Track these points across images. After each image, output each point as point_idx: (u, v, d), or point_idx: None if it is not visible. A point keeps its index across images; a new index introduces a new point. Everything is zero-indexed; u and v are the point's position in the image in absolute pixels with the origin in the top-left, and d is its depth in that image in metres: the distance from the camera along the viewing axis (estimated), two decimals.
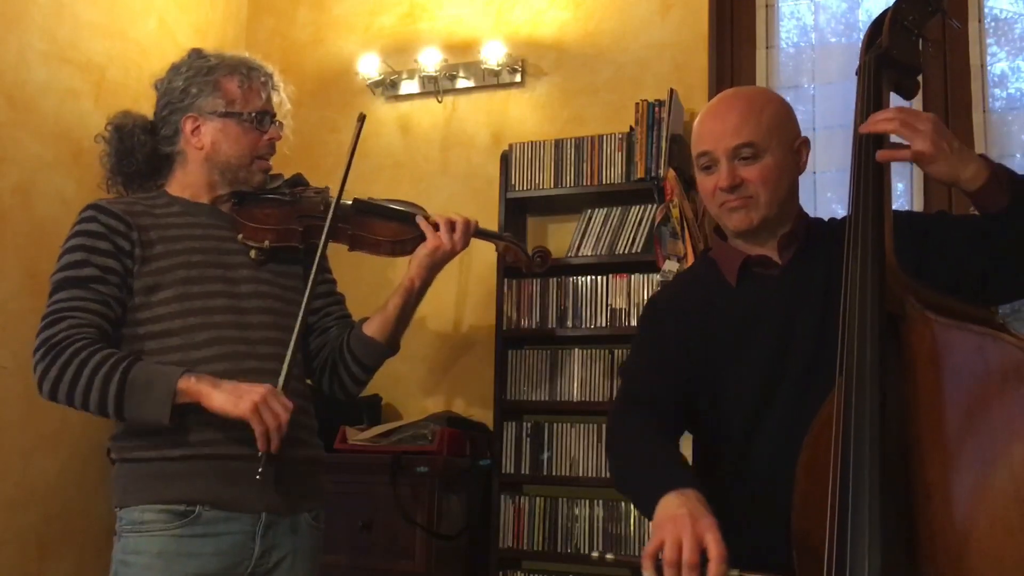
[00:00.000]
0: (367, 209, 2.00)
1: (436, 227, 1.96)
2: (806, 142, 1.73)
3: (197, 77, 1.91)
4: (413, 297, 1.98)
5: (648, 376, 1.70)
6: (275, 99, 1.98)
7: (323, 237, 1.88)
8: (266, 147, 1.95)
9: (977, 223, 1.58)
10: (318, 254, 1.87)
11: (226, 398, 1.65)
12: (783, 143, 1.67)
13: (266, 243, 1.89)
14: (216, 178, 1.93)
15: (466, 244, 1.99)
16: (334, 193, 1.97)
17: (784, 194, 1.67)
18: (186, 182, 1.94)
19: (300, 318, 1.81)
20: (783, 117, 1.70)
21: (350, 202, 1.99)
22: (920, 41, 1.76)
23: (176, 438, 1.73)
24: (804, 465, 1.46)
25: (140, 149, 1.93)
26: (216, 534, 1.74)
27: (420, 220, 1.98)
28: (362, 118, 1.95)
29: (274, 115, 1.97)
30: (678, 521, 1.31)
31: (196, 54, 1.97)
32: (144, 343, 1.78)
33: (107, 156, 1.95)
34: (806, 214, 1.76)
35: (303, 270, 1.95)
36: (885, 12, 1.79)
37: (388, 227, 1.99)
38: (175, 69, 1.96)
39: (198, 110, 1.90)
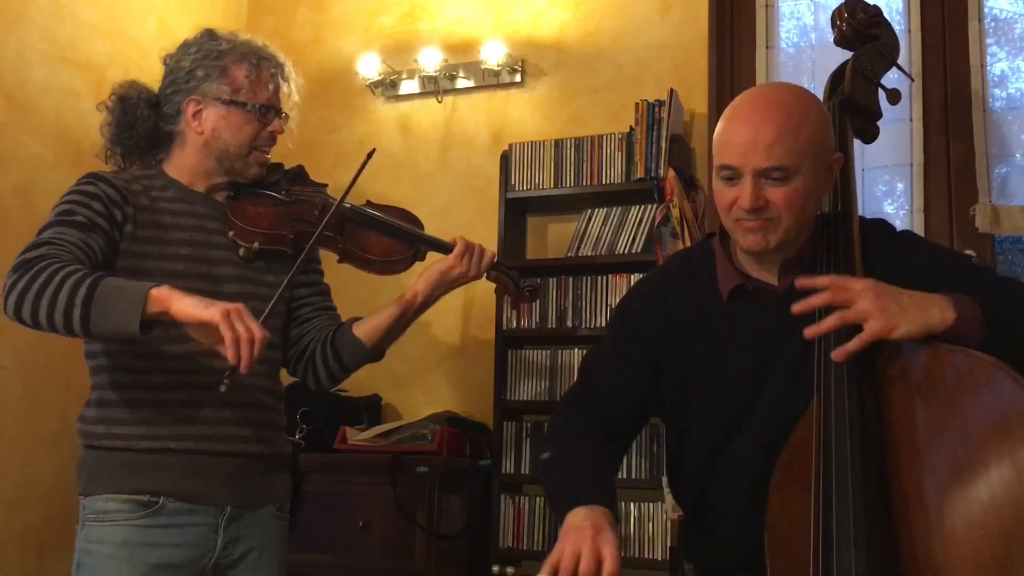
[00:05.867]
0: (362, 220, 1.96)
1: (455, 247, 1.93)
2: (839, 160, 1.58)
3: (206, 60, 1.87)
4: (412, 311, 1.96)
5: (609, 379, 1.66)
6: (284, 90, 1.94)
7: (310, 242, 1.84)
8: (266, 139, 1.92)
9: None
10: (303, 254, 1.84)
11: (195, 302, 1.55)
12: (817, 163, 1.49)
13: (255, 245, 1.87)
14: (212, 165, 1.90)
15: (480, 274, 1.97)
16: (332, 190, 1.93)
17: (807, 218, 1.53)
18: (183, 165, 1.90)
19: (277, 295, 1.76)
20: (821, 133, 1.51)
21: (347, 206, 1.94)
22: (879, 89, 1.84)
23: (146, 430, 1.74)
24: (777, 486, 1.47)
25: (143, 123, 1.89)
26: (179, 525, 1.75)
27: (458, 242, 1.94)
28: (371, 153, 1.90)
29: (279, 108, 1.93)
30: (580, 533, 1.34)
31: (208, 35, 1.92)
32: None
33: (108, 126, 1.92)
34: (818, 221, 1.61)
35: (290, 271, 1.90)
36: (846, 63, 1.86)
37: (381, 243, 1.96)
38: (185, 48, 1.91)
39: (202, 94, 1.87)
